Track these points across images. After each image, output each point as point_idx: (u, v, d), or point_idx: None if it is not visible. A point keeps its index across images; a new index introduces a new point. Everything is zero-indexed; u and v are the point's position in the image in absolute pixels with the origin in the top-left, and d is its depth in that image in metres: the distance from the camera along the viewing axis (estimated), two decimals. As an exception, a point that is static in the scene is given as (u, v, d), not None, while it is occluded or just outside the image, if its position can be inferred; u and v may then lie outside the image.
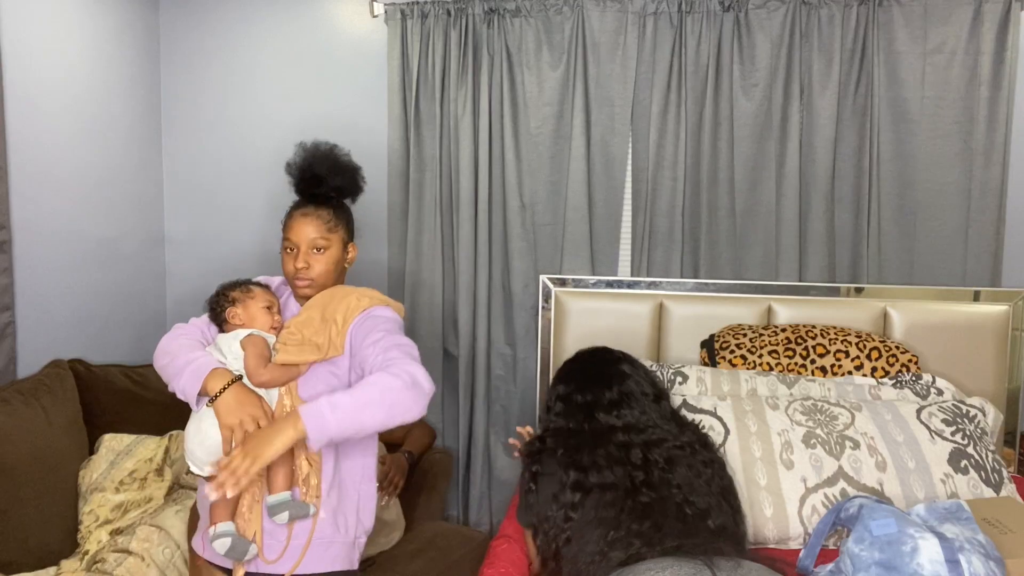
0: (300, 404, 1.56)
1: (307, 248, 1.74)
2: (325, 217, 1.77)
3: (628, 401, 1.81)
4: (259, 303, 1.73)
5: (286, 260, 1.77)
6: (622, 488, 1.59)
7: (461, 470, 2.86)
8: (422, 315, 2.81)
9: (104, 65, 2.61)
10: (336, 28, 2.85)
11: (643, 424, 1.76)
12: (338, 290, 1.77)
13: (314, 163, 1.78)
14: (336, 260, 1.78)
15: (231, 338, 1.68)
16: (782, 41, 2.54)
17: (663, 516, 1.53)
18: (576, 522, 1.58)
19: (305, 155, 1.80)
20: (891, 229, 2.58)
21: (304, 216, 1.75)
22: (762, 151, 2.60)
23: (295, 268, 1.73)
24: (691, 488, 1.62)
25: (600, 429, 1.74)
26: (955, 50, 2.48)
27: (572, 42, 2.63)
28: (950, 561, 1.44)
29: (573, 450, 1.70)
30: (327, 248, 1.75)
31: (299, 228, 1.75)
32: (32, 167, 2.27)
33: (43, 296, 2.34)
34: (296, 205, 1.81)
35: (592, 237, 2.70)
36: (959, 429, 2.03)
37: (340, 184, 1.81)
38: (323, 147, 1.82)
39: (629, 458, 1.65)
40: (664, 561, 1.37)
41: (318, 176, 1.78)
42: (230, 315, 1.72)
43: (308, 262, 1.73)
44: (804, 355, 2.35)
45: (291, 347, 1.67)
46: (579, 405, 1.82)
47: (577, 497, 1.61)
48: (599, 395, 1.82)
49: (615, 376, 1.88)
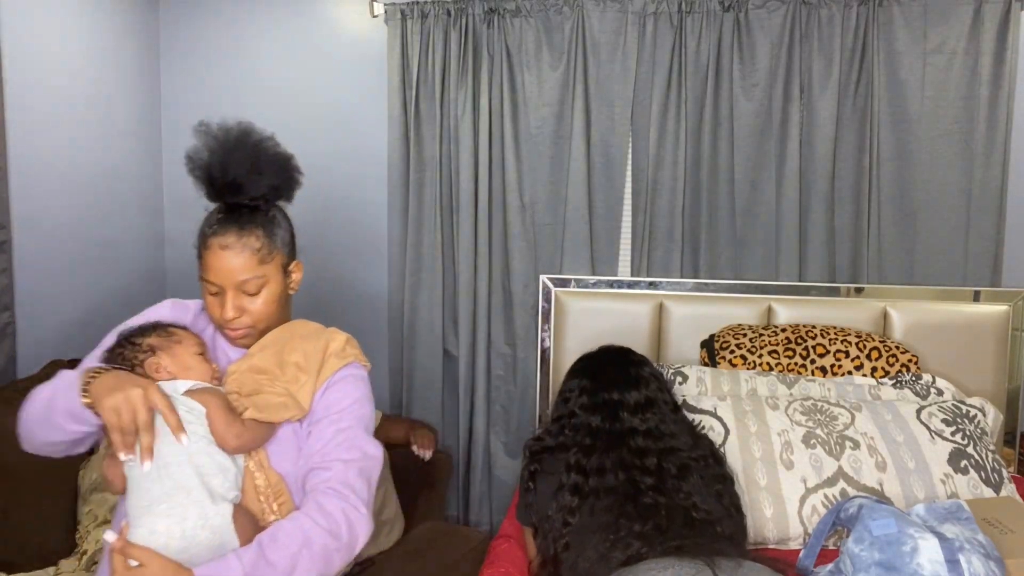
0: (274, 478, 1.30)
1: (236, 292, 1.34)
2: (254, 245, 1.33)
3: (652, 407, 1.79)
4: (189, 349, 1.35)
5: (210, 303, 1.37)
6: (621, 493, 1.58)
7: (461, 470, 2.86)
8: (422, 315, 2.81)
9: (104, 65, 2.61)
10: (336, 28, 2.85)
11: (662, 432, 1.74)
12: (298, 327, 1.43)
13: (228, 163, 1.34)
14: (277, 296, 1.38)
15: (169, 390, 1.28)
16: (782, 41, 2.54)
17: (669, 520, 1.52)
18: (574, 527, 1.57)
19: (213, 149, 1.35)
20: (891, 229, 2.58)
21: (225, 250, 1.32)
22: (762, 151, 2.60)
23: (223, 318, 1.34)
24: (701, 497, 1.61)
25: (622, 430, 1.71)
26: (955, 50, 2.48)
27: (572, 42, 2.63)
28: (950, 561, 1.44)
29: (586, 450, 1.68)
30: (264, 285, 1.36)
31: (221, 267, 1.32)
32: (32, 167, 2.27)
33: (43, 296, 2.34)
34: (212, 226, 1.35)
35: (592, 237, 2.70)
36: (959, 429, 2.03)
37: (270, 185, 1.38)
38: (235, 133, 1.36)
39: (644, 463, 1.63)
40: (665, 561, 1.37)
41: (236, 183, 1.34)
42: (152, 368, 1.31)
43: (240, 308, 1.34)
44: (804, 355, 2.35)
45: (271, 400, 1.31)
46: (605, 402, 1.77)
47: (575, 502, 1.59)
48: (625, 395, 1.79)
49: (641, 380, 1.84)
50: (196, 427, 1.25)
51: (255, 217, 1.36)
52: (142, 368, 1.31)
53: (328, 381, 1.36)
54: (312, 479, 1.29)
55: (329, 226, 2.92)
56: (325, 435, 1.31)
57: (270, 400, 1.32)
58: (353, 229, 2.91)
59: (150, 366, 1.31)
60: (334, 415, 1.33)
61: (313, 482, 1.28)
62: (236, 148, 1.35)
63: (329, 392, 1.36)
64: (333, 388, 1.36)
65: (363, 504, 1.27)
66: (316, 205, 2.93)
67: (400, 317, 2.83)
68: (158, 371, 1.31)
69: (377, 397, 2.89)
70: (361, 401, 1.38)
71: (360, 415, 1.37)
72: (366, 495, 1.29)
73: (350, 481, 1.27)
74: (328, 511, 1.23)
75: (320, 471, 1.28)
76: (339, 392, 1.36)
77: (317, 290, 2.96)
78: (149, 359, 1.32)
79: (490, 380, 2.82)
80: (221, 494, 1.24)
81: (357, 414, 1.36)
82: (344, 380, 1.38)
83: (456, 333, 2.81)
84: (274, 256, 1.37)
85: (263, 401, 1.32)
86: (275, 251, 1.37)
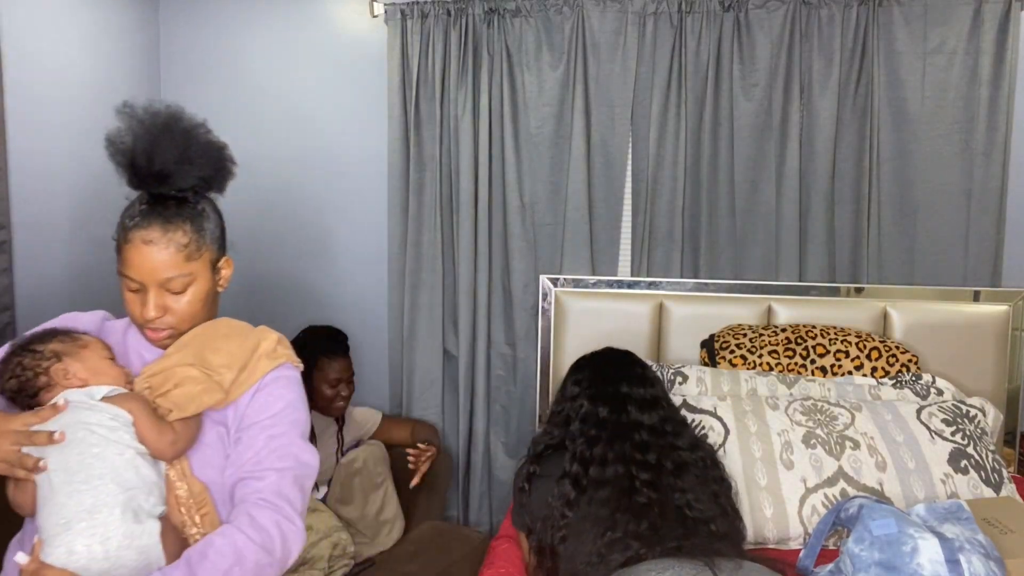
0: (197, 487, 1.21)
1: (159, 289, 1.23)
2: (181, 240, 1.23)
3: (657, 405, 1.79)
4: (98, 352, 1.25)
5: (129, 300, 1.25)
6: (618, 487, 1.58)
7: (461, 470, 2.86)
8: (422, 315, 2.81)
9: (104, 65, 2.61)
10: (336, 28, 2.85)
11: (666, 430, 1.74)
12: (221, 325, 1.32)
13: (155, 150, 1.22)
14: (205, 295, 1.28)
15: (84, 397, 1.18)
16: (782, 41, 2.54)
17: (662, 517, 1.53)
18: (571, 520, 1.57)
19: (138, 134, 1.23)
20: (891, 229, 2.58)
21: (148, 245, 1.20)
22: (762, 151, 2.60)
23: (144, 317, 1.24)
24: (696, 495, 1.61)
25: (628, 422, 1.71)
26: (955, 50, 2.48)
27: (572, 42, 2.63)
28: (950, 561, 1.44)
29: (591, 440, 1.68)
30: (191, 283, 1.25)
31: (143, 263, 1.21)
32: (32, 167, 2.27)
33: (43, 296, 2.34)
34: (134, 217, 1.23)
35: (592, 237, 2.70)
36: (959, 429, 2.03)
37: (201, 176, 1.27)
38: (163, 118, 1.24)
39: (644, 458, 1.64)
40: (665, 562, 1.37)
41: (163, 173, 1.23)
42: (59, 375, 1.20)
43: (164, 307, 1.24)
44: (804, 355, 2.35)
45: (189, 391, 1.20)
46: (613, 394, 1.77)
47: (574, 494, 1.60)
48: (634, 390, 1.79)
49: (647, 379, 1.85)
50: (122, 435, 1.15)
51: (183, 210, 1.25)
52: (47, 376, 1.20)
53: (259, 383, 1.26)
54: (243, 489, 1.20)
55: (329, 226, 2.92)
56: (256, 442, 1.21)
57: (189, 391, 1.20)
58: (353, 229, 2.91)
59: (57, 373, 1.20)
60: (266, 420, 1.23)
61: (244, 492, 1.19)
62: (164, 134, 1.23)
63: (260, 395, 1.26)
64: (264, 391, 1.26)
65: (297, 516, 1.20)
66: (316, 205, 2.93)
67: (400, 317, 2.83)
68: (67, 378, 1.20)
69: (377, 397, 2.92)
70: (294, 404, 1.28)
71: (294, 419, 1.27)
72: (300, 506, 1.22)
73: (284, 491, 1.19)
74: (261, 524, 1.15)
75: (252, 481, 1.19)
76: (270, 395, 1.26)
77: (317, 290, 2.96)
78: (55, 366, 1.21)
79: (490, 380, 2.82)
80: (147, 510, 1.14)
81: (291, 419, 1.26)
82: (275, 382, 1.28)
83: (456, 333, 2.81)
84: (202, 252, 1.26)
85: (182, 395, 1.20)
86: (204, 247, 1.26)
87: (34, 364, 1.21)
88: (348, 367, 2.41)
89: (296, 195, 2.93)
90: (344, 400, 2.39)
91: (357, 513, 2.21)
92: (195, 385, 1.21)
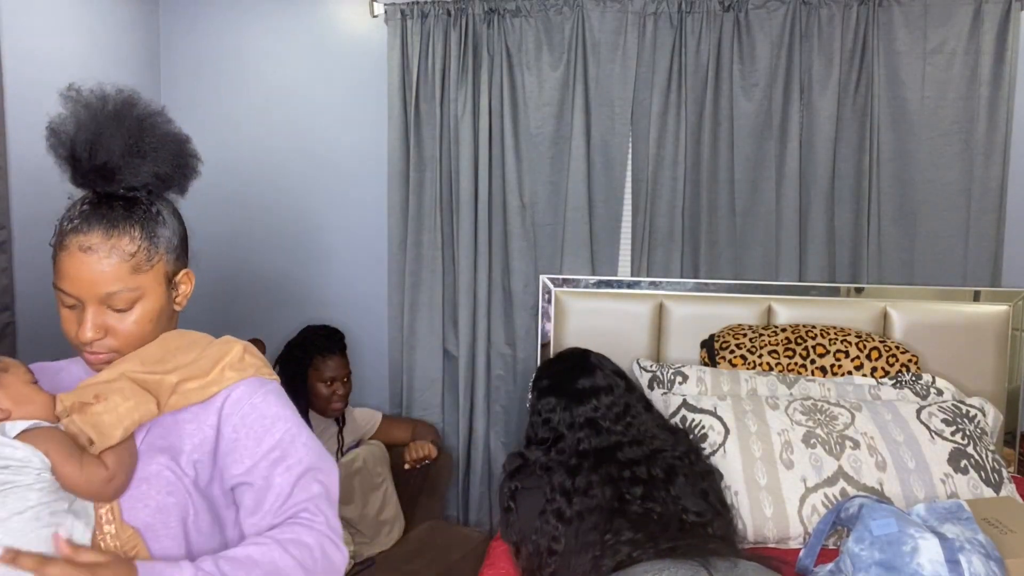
0: (127, 533, 0.98)
1: (99, 306, 1.01)
2: (127, 248, 1.01)
3: (628, 412, 1.79)
4: (20, 377, 1.02)
5: (65, 317, 1.04)
6: (607, 510, 1.57)
7: (461, 470, 2.86)
8: (422, 315, 2.81)
9: (104, 65, 2.61)
10: (336, 28, 2.85)
11: (644, 435, 1.74)
12: (172, 339, 1.08)
13: (99, 141, 1.02)
14: (155, 314, 1.05)
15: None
16: (782, 41, 2.54)
17: (661, 528, 1.52)
18: (559, 554, 1.56)
19: (83, 122, 1.03)
20: (891, 229, 2.58)
21: (87, 253, 0.99)
22: (762, 151, 2.60)
23: (80, 339, 1.01)
24: (690, 500, 1.61)
25: (608, 445, 1.71)
26: (955, 50, 2.48)
27: (572, 42, 2.63)
28: (950, 561, 1.44)
29: (571, 470, 1.67)
30: (138, 300, 1.03)
31: (80, 275, 0.99)
32: (32, 167, 2.27)
33: (43, 296, 2.33)
34: (73, 220, 1.02)
35: (592, 237, 2.70)
36: (959, 429, 2.03)
37: (156, 173, 1.06)
38: (113, 104, 1.05)
39: (634, 473, 1.64)
40: (660, 563, 1.37)
41: (108, 168, 1.02)
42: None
43: (104, 328, 1.02)
44: (804, 355, 2.35)
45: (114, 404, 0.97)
46: (586, 420, 1.77)
47: (559, 529, 1.59)
48: (600, 402, 1.79)
49: (611, 383, 1.86)
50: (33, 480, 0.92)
51: (132, 212, 1.03)
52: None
53: (226, 394, 1.04)
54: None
55: (329, 226, 2.92)
56: (282, 489, 1.01)
57: (115, 410, 0.97)
58: (353, 229, 2.91)
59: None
60: (274, 455, 1.02)
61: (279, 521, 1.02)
62: (111, 122, 1.03)
63: (248, 420, 1.03)
64: (243, 422, 1.03)
65: (339, 538, 1.04)
66: (316, 205, 2.93)
67: (400, 317, 2.83)
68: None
69: (377, 397, 2.92)
70: (288, 418, 1.07)
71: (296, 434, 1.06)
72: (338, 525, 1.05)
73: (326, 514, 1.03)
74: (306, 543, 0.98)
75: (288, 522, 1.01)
76: (261, 422, 1.04)
77: (317, 290, 2.96)
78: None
79: (490, 380, 2.82)
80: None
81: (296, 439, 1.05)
82: (256, 409, 1.04)
83: (456, 333, 2.81)
84: (154, 263, 1.04)
85: (105, 417, 0.96)
86: (156, 257, 1.04)
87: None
88: (344, 365, 2.41)
89: (296, 195, 2.93)
90: (341, 400, 2.39)
91: (357, 513, 2.21)
92: (123, 400, 0.98)
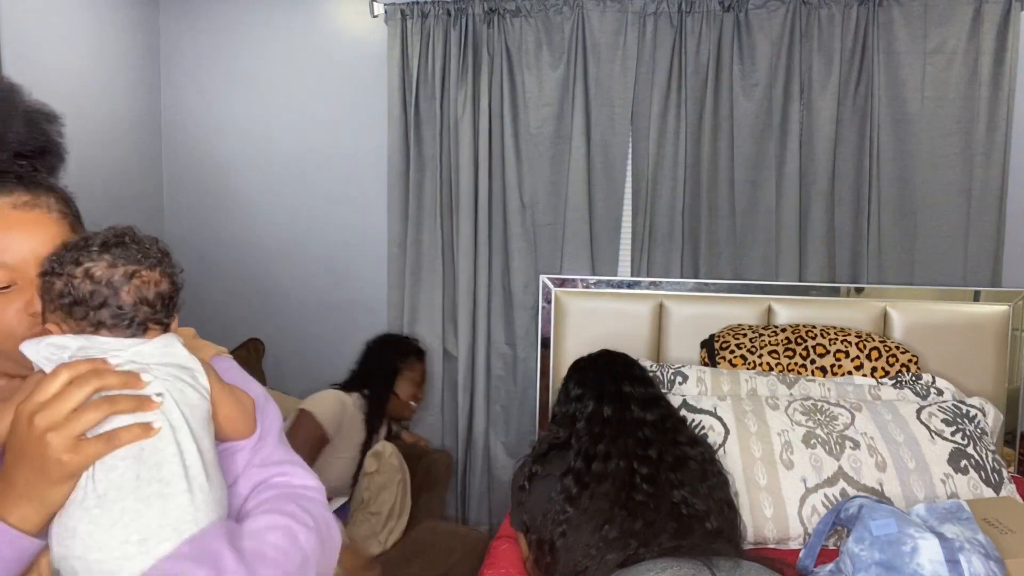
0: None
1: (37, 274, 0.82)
2: (58, 207, 0.89)
3: (659, 404, 1.82)
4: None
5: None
6: (619, 481, 1.60)
7: (461, 470, 2.86)
8: (422, 315, 2.81)
9: (104, 65, 2.61)
10: (336, 28, 2.85)
11: (667, 426, 1.77)
12: None
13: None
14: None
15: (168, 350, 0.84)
16: (782, 41, 2.54)
17: (657, 512, 1.54)
18: (571, 515, 1.59)
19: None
20: (891, 229, 2.58)
21: (27, 211, 0.84)
22: (762, 151, 2.60)
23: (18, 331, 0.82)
24: (693, 490, 1.62)
25: (632, 420, 1.75)
26: (955, 50, 2.48)
27: (572, 42, 2.63)
28: (950, 561, 1.44)
29: (595, 437, 1.71)
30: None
31: (19, 237, 0.82)
32: (32, 167, 2.27)
33: None
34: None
35: (592, 237, 2.70)
36: (959, 429, 2.02)
37: (17, 153, 0.90)
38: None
39: (646, 452, 1.66)
40: (663, 562, 1.37)
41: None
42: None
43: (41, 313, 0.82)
44: (804, 355, 2.35)
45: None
46: (616, 393, 1.81)
47: (575, 489, 1.61)
48: (635, 389, 1.83)
49: (646, 379, 1.89)
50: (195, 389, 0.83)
51: (35, 177, 0.89)
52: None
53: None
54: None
55: (329, 226, 2.92)
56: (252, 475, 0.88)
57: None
58: (353, 229, 2.91)
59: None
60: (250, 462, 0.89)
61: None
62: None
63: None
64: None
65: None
66: (316, 204, 2.93)
67: (400, 317, 2.83)
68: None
69: (377, 397, 2.90)
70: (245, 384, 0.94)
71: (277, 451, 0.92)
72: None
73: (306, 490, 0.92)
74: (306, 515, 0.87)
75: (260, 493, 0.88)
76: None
77: (317, 289, 2.96)
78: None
79: (490, 380, 2.82)
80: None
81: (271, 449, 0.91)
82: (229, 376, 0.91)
83: (456, 333, 2.81)
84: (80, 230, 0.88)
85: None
86: (80, 223, 0.90)
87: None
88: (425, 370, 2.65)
89: (296, 195, 2.93)
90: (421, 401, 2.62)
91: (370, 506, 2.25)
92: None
